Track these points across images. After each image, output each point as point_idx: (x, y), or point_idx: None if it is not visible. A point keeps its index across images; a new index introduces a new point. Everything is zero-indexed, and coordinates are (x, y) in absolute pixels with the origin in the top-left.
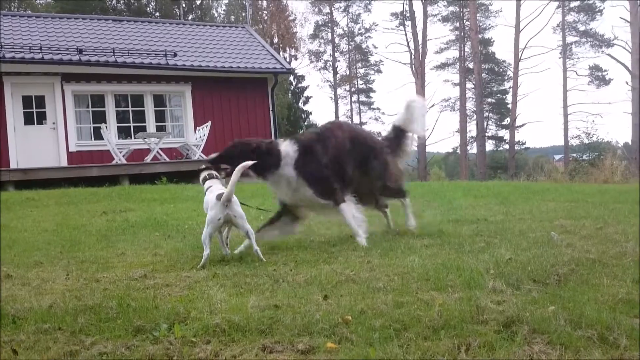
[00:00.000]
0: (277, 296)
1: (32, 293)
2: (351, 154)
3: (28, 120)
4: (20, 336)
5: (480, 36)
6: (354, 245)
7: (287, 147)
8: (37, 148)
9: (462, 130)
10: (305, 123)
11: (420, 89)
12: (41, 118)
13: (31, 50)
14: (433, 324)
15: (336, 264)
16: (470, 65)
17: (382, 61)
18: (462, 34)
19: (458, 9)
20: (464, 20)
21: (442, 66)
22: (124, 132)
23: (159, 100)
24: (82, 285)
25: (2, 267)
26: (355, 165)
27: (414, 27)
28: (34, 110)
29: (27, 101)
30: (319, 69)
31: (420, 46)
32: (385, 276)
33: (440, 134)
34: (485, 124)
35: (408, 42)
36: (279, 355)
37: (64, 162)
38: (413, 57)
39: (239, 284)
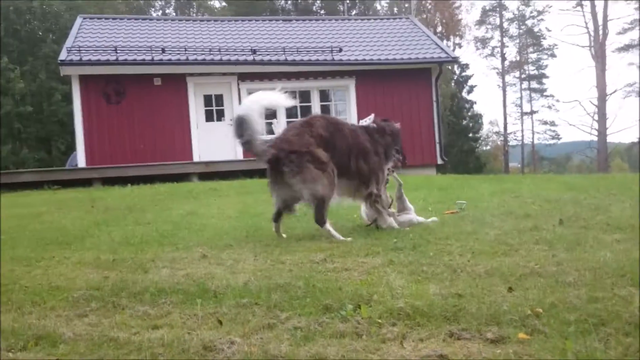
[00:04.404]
0: (458, 285)
1: (227, 271)
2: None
3: (208, 117)
4: (222, 309)
5: None
6: (536, 239)
7: None
8: (216, 143)
9: None
10: (469, 113)
11: (601, 74)
12: (220, 115)
13: (211, 52)
14: (634, 320)
15: (517, 256)
16: None
17: (556, 45)
18: None
19: None
20: None
21: (626, 48)
22: None
23: (324, 95)
24: (269, 266)
25: (197, 249)
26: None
27: (593, 6)
28: (214, 108)
29: (207, 100)
30: (486, 56)
31: (601, 27)
32: (575, 271)
33: (624, 122)
34: None
35: (586, 23)
36: (467, 342)
37: (239, 156)
38: (592, 39)
39: (415, 272)
